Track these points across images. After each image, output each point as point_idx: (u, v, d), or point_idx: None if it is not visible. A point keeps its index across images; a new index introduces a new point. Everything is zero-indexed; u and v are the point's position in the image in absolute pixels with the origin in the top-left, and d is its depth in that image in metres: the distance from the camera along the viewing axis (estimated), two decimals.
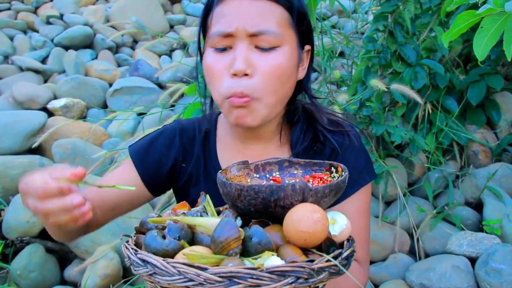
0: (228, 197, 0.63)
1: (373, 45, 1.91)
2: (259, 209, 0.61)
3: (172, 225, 0.59)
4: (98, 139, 2.83)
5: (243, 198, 0.60)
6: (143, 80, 3.50)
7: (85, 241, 2.06)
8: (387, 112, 2.02)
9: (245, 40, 0.75)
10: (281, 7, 0.77)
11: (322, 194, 0.60)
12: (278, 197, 0.59)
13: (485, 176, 1.89)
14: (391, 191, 1.94)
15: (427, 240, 1.83)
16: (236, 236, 0.55)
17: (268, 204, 0.60)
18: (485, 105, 2.06)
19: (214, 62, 0.78)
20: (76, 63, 3.83)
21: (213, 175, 0.88)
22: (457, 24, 0.81)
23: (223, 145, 0.91)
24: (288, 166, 0.74)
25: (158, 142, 0.92)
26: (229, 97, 0.76)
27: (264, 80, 0.76)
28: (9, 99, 3.21)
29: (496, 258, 1.52)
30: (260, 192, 0.59)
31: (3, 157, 2.32)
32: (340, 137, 0.87)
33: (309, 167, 0.74)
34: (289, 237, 0.58)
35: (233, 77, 0.75)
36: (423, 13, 1.95)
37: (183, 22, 5.00)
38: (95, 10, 4.93)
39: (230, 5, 0.76)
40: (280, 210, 0.60)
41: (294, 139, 0.87)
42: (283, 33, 0.77)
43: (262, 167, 0.75)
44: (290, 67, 0.79)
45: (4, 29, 4.35)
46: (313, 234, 0.56)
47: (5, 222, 2.02)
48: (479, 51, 0.79)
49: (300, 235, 0.56)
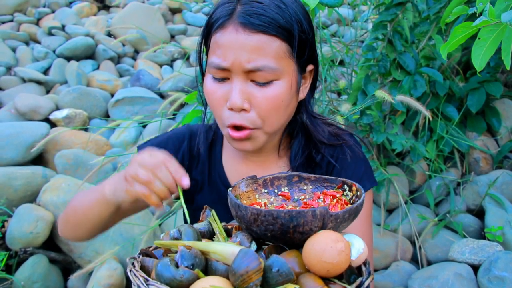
0: (242, 221, 0.60)
1: (372, 53, 1.93)
2: (276, 235, 0.58)
3: (185, 252, 0.55)
4: (100, 149, 2.84)
5: (259, 223, 0.58)
6: (144, 90, 3.52)
7: (88, 251, 2.07)
8: (387, 120, 2.03)
9: (241, 75, 0.74)
10: (279, 40, 0.74)
11: (341, 219, 0.58)
12: (298, 223, 0.56)
13: (486, 183, 1.89)
14: (393, 199, 1.94)
15: (429, 247, 1.83)
16: (257, 268, 0.52)
17: (286, 230, 0.57)
18: (485, 112, 2.07)
19: (213, 90, 0.78)
20: (78, 74, 3.85)
21: (217, 182, 0.90)
22: (455, 35, 0.83)
23: (228, 153, 0.92)
24: (298, 181, 0.72)
25: (167, 145, 0.91)
26: (228, 126, 0.76)
27: (263, 113, 0.75)
28: (11, 110, 3.23)
29: (499, 265, 1.52)
30: (278, 218, 0.56)
31: (6, 168, 2.33)
32: (337, 150, 0.88)
33: (319, 183, 0.71)
34: (310, 266, 0.55)
35: (230, 110, 0.75)
36: (422, 21, 1.97)
37: (184, 32, 5.04)
38: (96, 21, 4.97)
39: (227, 37, 0.74)
40: (298, 236, 0.58)
41: (293, 153, 0.88)
42: (280, 67, 0.74)
43: (271, 182, 0.72)
44: (288, 97, 0.77)
45: (7, 41, 4.39)
46: (336, 265, 0.54)
47: (9, 233, 2.02)
48: (478, 62, 0.81)
49: (323, 266, 0.54)
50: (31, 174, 2.31)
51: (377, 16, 2.24)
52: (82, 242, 0.93)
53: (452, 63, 2.06)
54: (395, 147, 1.80)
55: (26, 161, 2.49)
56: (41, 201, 2.13)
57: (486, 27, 0.78)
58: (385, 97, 1.36)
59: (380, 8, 2.28)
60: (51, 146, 2.68)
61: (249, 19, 0.72)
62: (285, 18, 0.74)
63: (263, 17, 0.72)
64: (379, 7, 2.33)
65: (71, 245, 2.08)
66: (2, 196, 2.17)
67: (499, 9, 0.84)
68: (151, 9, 5.01)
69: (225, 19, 0.74)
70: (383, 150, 2.01)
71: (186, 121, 1.80)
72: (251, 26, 0.72)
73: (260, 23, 0.72)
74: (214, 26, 0.76)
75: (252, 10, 0.72)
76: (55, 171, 2.48)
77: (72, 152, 2.53)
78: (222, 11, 0.75)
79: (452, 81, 2.01)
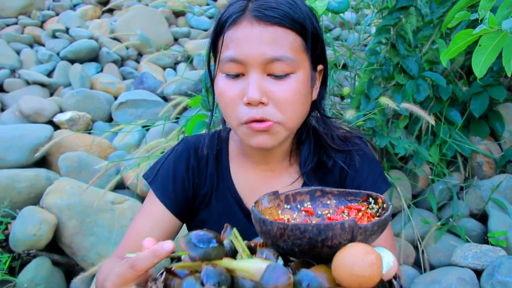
0: (268, 236, 0.58)
1: (375, 57, 1.93)
2: (304, 249, 0.56)
3: (210, 270, 0.53)
4: (104, 152, 2.85)
5: (286, 238, 0.55)
6: (148, 93, 3.53)
7: (91, 254, 2.07)
8: (390, 124, 2.03)
9: (258, 68, 0.73)
10: (294, 33, 0.74)
11: (371, 232, 0.57)
12: (326, 236, 0.54)
13: (489, 188, 1.89)
14: (396, 203, 1.94)
15: (432, 252, 1.82)
16: (287, 283, 0.50)
17: (314, 244, 0.55)
18: (489, 117, 2.06)
19: (227, 88, 0.76)
20: (81, 77, 3.87)
21: (226, 195, 0.87)
22: (456, 42, 0.83)
23: (236, 163, 0.90)
24: (321, 196, 0.70)
25: (177, 169, 0.88)
26: (247, 122, 0.74)
27: (281, 107, 0.74)
28: (15, 113, 3.25)
29: (502, 270, 1.51)
30: (306, 232, 0.54)
31: (10, 170, 2.34)
32: (348, 155, 0.87)
33: (343, 197, 0.69)
34: (341, 281, 0.53)
35: (248, 105, 0.74)
36: (425, 25, 1.97)
37: (187, 35, 5.05)
38: (100, 24, 4.99)
39: (241, 31, 0.73)
40: (327, 250, 0.56)
41: (303, 158, 0.86)
42: (296, 59, 0.74)
43: (293, 198, 0.70)
44: (305, 92, 0.77)
45: (11, 43, 4.41)
46: (368, 278, 0.52)
47: (12, 235, 2.03)
48: (478, 69, 0.81)
49: (354, 279, 0.52)
50: (35, 177, 2.32)
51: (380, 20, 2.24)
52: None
53: (455, 67, 2.06)
54: (398, 151, 1.80)
55: (30, 164, 2.51)
56: (45, 204, 2.14)
57: (487, 35, 0.78)
58: (389, 104, 1.36)
59: (383, 12, 2.29)
60: (55, 148, 2.70)
61: (264, 12, 0.72)
62: (298, 13, 0.74)
63: (277, 10, 0.72)
64: (382, 11, 2.33)
65: (74, 247, 2.09)
66: (6, 198, 2.18)
67: (501, 15, 0.84)
68: (155, 12, 5.03)
69: (238, 15, 0.74)
70: (386, 154, 2.01)
71: (189, 125, 1.81)
72: (266, 19, 0.72)
73: (275, 15, 0.72)
74: (227, 24, 0.75)
75: (266, 4, 0.72)
76: (58, 173, 2.50)
77: (76, 155, 2.54)
78: (235, 8, 0.75)
79: (455, 85, 2.01)
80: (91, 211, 2.12)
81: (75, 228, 2.10)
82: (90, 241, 2.09)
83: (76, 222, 2.11)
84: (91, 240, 2.10)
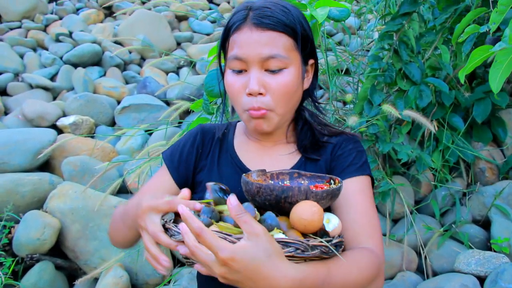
0: (249, 193, 0.80)
1: (378, 63, 1.93)
2: (272, 204, 0.78)
3: (205, 208, 0.76)
4: (107, 156, 2.86)
5: (261, 194, 0.77)
6: (151, 98, 3.54)
7: (93, 258, 2.08)
8: (393, 129, 2.03)
9: (257, 65, 0.89)
10: (286, 35, 0.90)
11: (320, 197, 0.77)
12: (287, 195, 0.76)
13: (492, 194, 1.89)
14: (398, 209, 1.94)
15: (434, 258, 1.82)
16: (253, 216, 0.73)
17: (279, 200, 0.77)
18: (491, 123, 2.06)
19: (233, 82, 0.93)
20: (84, 81, 3.89)
21: (229, 162, 1.01)
22: (473, 59, 0.85)
23: (240, 139, 1.05)
24: (297, 177, 0.91)
25: (185, 146, 1.04)
26: (248, 109, 0.91)
27: (276, 97, 0.90)
28: (19, 116, 3.27)
29: (505, 277, 1.51)
30: (274, 191, 0.76)
31: (13, 174, 2.35)
32: (340, 138, 1.01)
33: (313, 179, 0.89)
34: (293, 223, 0.76)
35: (249, 95, 0.90)
36: (428, 31, 1.98)
37: (190, 40, 5.07)
38: (103, 28, 5.01)
39: (243, 35, 0.90)
40: (288, 205, 0.77)
41: (300, 136, 1.02)
42: (289, 56, 0.90)
43: (277, 176, 0.90)
44: (296, 83, 0.93)
45: (15, 47, 4.44)
46: (311, 221, 0.74)
47: (16, 239, 2.04)
48: (495, 84, 0.82)
49: (301, 222, 0.74)
50: (38, 181, 2.33)
51: (383, 26, 2.25)
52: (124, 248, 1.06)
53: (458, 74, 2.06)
54: (400, 157, 1.80)
55: (33, 168, 2.51)
56: (48, 208, 2.15)
57: (502, 50, 0.79)
58: (392, 111, 1.37)
59: (386, 18, 2.30)
60: (58, 152, 2.71)
61: (261, 20, 0.88)
62: (289, 19, 0.90)
63: (272, 17, 0.89)
64: (385, 17, 2.34)
65: (78, 251, 2.10)
66: (10, 202, 2.18)
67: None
68: (158, 17, 5.05)
69: (240, 22, 0.91)
70: (388, 159, 2.01)
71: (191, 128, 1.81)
72: (263, 25, 0.88)
73: (270, 22, 0.88)
74: (232, 29, 0.92)
75: (262, 13, 0.89)
76: (62, 177, 2.50)
77: (78, 159, 2.55)
78: (238, 17, 0.92)
79: (458, 91, 2.02)
80: (94, 216, 2.13)
81: (78, 232, 2.10)
82: (93, 245, 2.10)
83: (79, 226, 2.11)
84: (94, 244, 2.10)
